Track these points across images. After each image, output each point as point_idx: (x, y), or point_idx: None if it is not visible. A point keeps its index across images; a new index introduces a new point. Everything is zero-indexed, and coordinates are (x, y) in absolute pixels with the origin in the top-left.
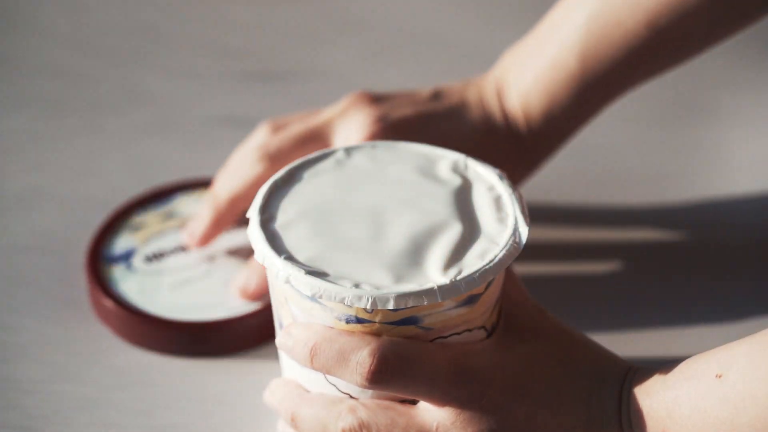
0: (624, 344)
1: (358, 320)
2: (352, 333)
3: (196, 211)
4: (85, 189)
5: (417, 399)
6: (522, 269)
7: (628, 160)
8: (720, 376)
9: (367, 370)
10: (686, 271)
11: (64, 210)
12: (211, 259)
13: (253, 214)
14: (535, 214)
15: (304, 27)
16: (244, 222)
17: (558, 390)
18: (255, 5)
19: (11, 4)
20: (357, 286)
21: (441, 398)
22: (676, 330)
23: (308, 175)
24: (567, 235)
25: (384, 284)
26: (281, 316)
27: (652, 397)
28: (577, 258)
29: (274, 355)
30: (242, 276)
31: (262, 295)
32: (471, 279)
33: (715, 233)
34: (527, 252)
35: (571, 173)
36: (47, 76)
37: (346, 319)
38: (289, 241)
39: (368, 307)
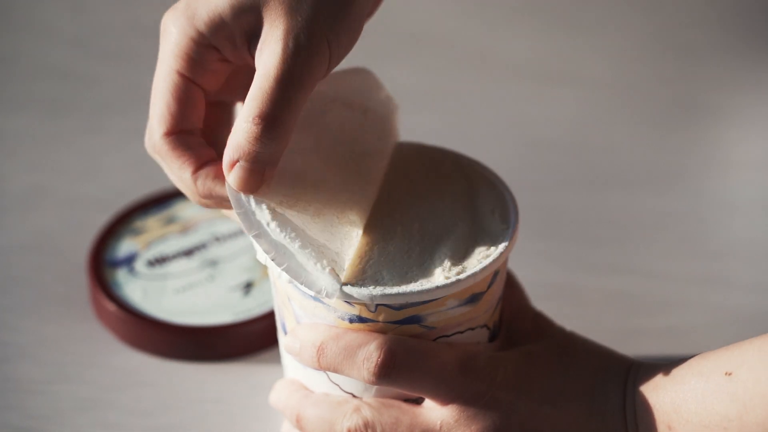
0: (624, 345)
1: (361, 319)
2: (357, 330)
3: (196, 215)
4: (85, 189)
5: (421, 396)
6: (522, 269)
7: (628, 160)
8: (729, 374)
9: (374, 364)
10: (686, 271)
11: (64, 210)
12: (214, 264)
13: None
14: (535, 213)
15: None
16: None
17: (560, 385)
18: None
19: (11, 4)
20: (361, 285)
21: (446, 395)
22: (676, 330)
23: None
24: (567, 236)
25: (389, 284)
26: (284, 317)
27: (659, 391)
28: (577, 258)
29: (277, 359)
30: None
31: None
32: (472, 277)
33: (714, 233)
34: (527, 252)
35: (571, 173)
36: (48, 76)
37: (350, 318)
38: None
39: (371, 306)
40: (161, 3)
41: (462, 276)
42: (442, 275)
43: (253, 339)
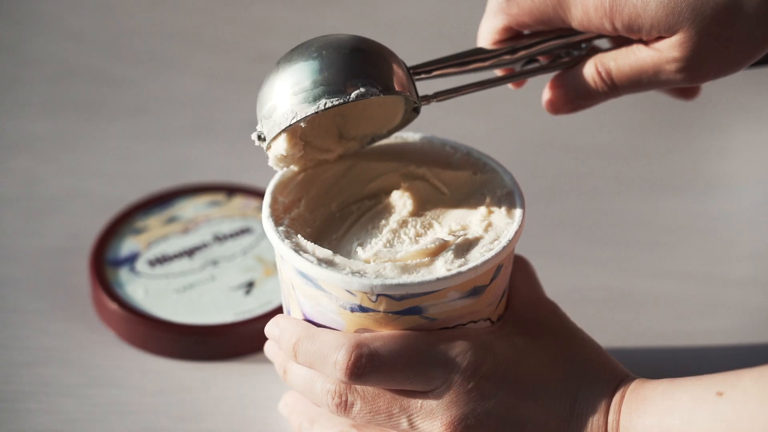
0: (625, 345)
1: (362, 309)
2: (333, 331)
3: (198, 215)
4: (86, 189)
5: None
6: None
7: (629, 162)
8: (720, 394)
9: (344, 367)
10: (686, 271)
11: (64, 210)
12: (215, 263)
13: (265, 204)
14: (536, 214)
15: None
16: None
17: (546, 384)
18: (288, 8)
19: (33, 5)
20: (362, 275)
21: (424, 384)
22: (677, 331)
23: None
24: (567, 236)
25: (390, 275)
26: (289, 305)
27: (647, 403)
28: (578, 257)
29: None
30: None
31: None
32: (474, 270)
33: (715, 233)
34: (529, 254)
35: (571, 174)
36: (48, 76)
37: (351, 307)
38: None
39: (372, 296)
40: (161, 3)
41: (463, 268)
42: (444, 267)
43: (254, 338)
